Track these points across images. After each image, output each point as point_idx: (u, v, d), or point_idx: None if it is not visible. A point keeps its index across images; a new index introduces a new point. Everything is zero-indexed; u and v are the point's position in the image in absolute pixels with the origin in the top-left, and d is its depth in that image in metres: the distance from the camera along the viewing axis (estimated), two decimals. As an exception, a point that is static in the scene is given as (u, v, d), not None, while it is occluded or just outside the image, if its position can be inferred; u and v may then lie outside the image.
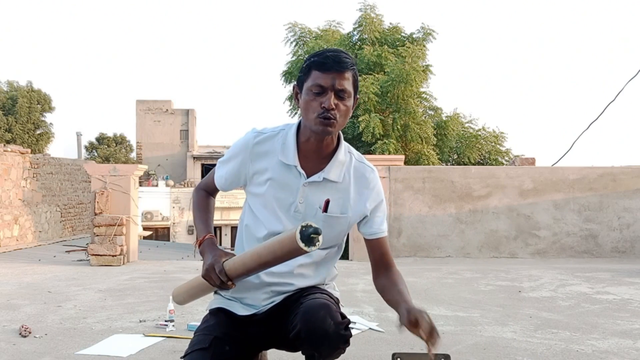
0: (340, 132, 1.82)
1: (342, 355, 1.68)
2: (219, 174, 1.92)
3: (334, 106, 1.69)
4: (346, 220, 1.81)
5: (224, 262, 1.69)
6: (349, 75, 1.71)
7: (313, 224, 1.51)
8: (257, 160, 1.81)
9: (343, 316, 1.67)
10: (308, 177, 1.78)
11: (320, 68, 1.69)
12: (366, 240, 1.87)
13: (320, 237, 1.51)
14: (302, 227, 1.50)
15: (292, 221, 1.78)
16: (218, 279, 1.67)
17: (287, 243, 1.53)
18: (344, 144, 1.84)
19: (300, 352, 1.83)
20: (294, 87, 1.80)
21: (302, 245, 1.49)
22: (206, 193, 1.99)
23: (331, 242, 1.83)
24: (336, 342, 1.61)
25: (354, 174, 1.82)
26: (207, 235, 1.83)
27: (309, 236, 1.50)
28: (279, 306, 1.81)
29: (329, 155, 1.80)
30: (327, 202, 1.76)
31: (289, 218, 1.79)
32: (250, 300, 1.83)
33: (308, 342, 1.62)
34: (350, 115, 1.78)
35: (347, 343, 1.65)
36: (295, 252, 1.54)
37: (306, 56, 1.81)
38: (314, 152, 1.78)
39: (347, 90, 1.71)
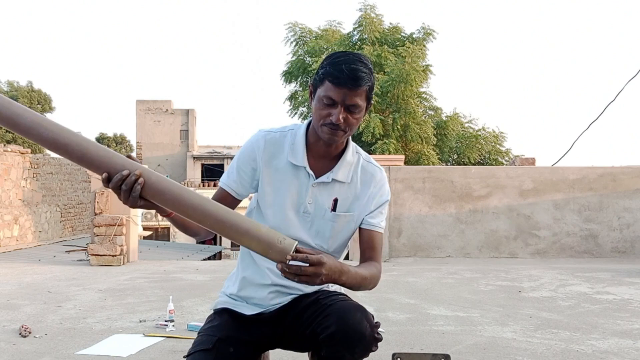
0: None
1: None
2: (226, 180, 1.80)
3: (342, 121, 1.66)
4: (353, 219, 1.79)
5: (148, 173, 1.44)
6: (362, 91, 1.66)
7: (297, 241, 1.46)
8: (266, 159, 1.77)
9: (374, 318, 1.68)
10: (317, 177, 1.76)
11: (334, 81, 1.64)
12: (359, 229, 1.82)
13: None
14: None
15: (302, 222, 1.76)
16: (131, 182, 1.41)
17: (266, 244, 1.43)
18: (352, 145, 1.82)
19: (304, 352, 1.83)
20: (309, 86, 1.76)
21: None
22: None
23: (341, 242, 1.82)
24: (370, 344, 1.61)
25: (362, 174, 1.81)
26: None
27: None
28: (289, 307, 1.79)
29: (337, 155, 1.79)
30: (336, 201, 1.76)
31: (298, 219, 1.77)
32: (257, 300, 1.81)
33: (343, 343, 1.60)
34: (361, 122, 1.76)
35: (377, 346, 1.66)
36: (262, 253, 1.46)
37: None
38: (323, 152, 1.77)
39: (359, 105, 1.67)
